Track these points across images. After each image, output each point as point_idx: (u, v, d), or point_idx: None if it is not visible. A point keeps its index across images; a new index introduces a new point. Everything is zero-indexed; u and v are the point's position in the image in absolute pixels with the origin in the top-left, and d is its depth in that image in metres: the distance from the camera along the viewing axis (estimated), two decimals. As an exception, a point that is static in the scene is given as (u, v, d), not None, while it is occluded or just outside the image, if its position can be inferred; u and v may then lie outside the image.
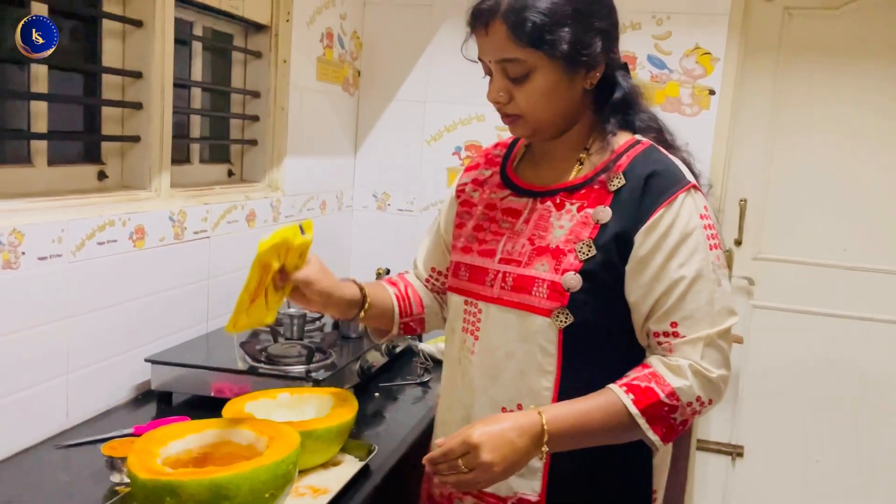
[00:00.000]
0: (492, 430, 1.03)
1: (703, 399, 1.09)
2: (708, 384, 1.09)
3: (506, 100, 1.15)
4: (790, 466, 2.84)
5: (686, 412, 1.09)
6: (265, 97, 2.29)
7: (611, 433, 1.09)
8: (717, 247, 1.11)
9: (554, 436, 1.05)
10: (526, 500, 1.17)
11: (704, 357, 1.08)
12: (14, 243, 1.34)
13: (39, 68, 1.55)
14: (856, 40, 2.62)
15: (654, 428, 1.07)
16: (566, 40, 1.09)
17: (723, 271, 1.12)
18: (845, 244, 2.71)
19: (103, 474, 1.30)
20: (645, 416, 1.07)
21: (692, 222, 1.10)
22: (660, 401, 1.07)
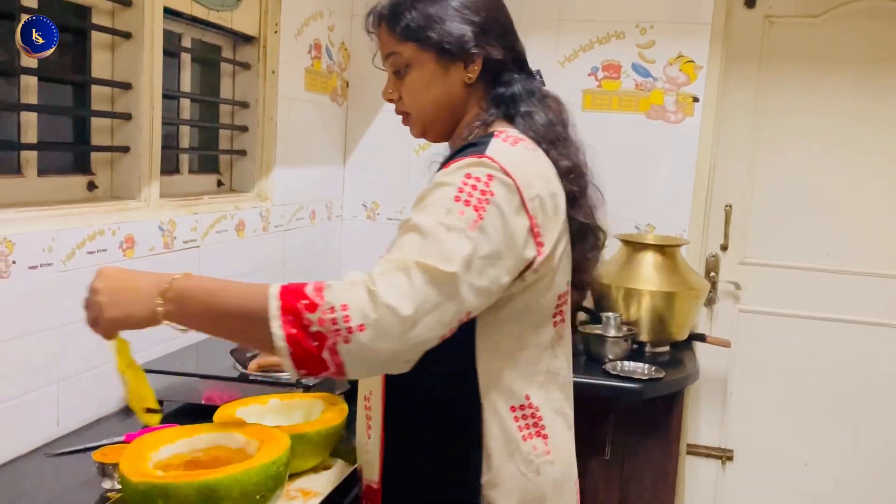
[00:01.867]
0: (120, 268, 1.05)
1: (351, 313, 0.90)
2: (367, 298, 0.91)
3: (396, 97, 1.21)
4: (779, 470, 2.86)
5: (325, 318, 0.90)
6: (254, 108, 2.31)
7: (238, 313, 0.96)
8: (467, 203, 0.98)
9: (179, 286, 0.98)
10: (370, 487, 1.18)
11: (383, 275, 0.93)
12: (4, 252, 1.35)
13: (30, 79, 1.56)
14: (835, 48, 2.67)
15: (283, 318, 0.91)
16: (435, 31, 1.13)
17: (459, 222, 0.97)
18: (829, 248, 2.75)
19: (94, 481, 1.30)
20: (281, 299, 0.92)
21: (450, 179, 1.02)
22: (301, 290, 0.93)
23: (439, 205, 0.99)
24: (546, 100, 1.20)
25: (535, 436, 1.12)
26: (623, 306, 2.44)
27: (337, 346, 0.91)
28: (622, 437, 2.30)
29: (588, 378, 2.16)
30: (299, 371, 0.94)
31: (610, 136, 2.68)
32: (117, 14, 1.74)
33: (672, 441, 2.38)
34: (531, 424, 1.12)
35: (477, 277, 0.97)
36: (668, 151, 2.67)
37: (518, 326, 1.10)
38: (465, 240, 0.96)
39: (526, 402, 1.11)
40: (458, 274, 0.95)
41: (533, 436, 1.11)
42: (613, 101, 2.70)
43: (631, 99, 2.68)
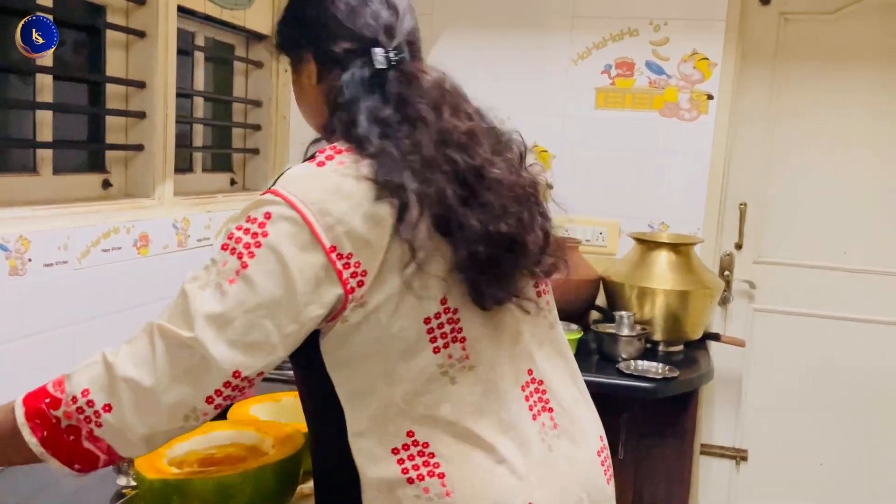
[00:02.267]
0: None
1: (94, 398, 0.86)
2: (103, 378, 0.86)
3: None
4: (794, 470, 2.84)
5: (69, 411, 0.86)
6: (267, 106, 2.31)
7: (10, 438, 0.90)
8: (233, 252, 0.89)
9: None
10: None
11: (132, 342, 0.89)
12: (20, 250, 1.36)
13: (45, 78, 1.57)
14: (852, 44, 2.64)
15: (31, 425, 0.88)
16: (280, 32, 1.08)
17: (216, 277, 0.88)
18: (846, 246, 2.72)
19: (110, 478, 1.31)
20: (25, 405, 0.88)
21: (229, 226, 0.94)
22: (44, 390, 0.88)
23: (208, 258, 0.91)
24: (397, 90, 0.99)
25: (426, 476, 0.95)
26: (637, 305, 2.42)
27: (93, 432, 0.87)
28: (636, 437, 2.29)
29: (601, 377, 2.15)
30: (74, 468, 0.89)
31: (623, 135, 2.67)
32: (131, 13, 1.75)
33: (686, 441, 2.37)
34: (421, 464, 0.95)
35: (242, 333, 0.87)
36: (682, 149, 2.65)
37: (381, 363, 0.94)
38: (216, 296, 0.87)
39: (409, 439, 0.95)
40: (197, 338, 0.86)
41: (425, 476, 0.95)
42: (627, 99, 2.68)
43: (645, 97, 2.67)
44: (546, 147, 2.74)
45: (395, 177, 0.92)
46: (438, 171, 0.94)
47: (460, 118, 0.99)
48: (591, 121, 2.70)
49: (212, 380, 0.87)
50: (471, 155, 0.97)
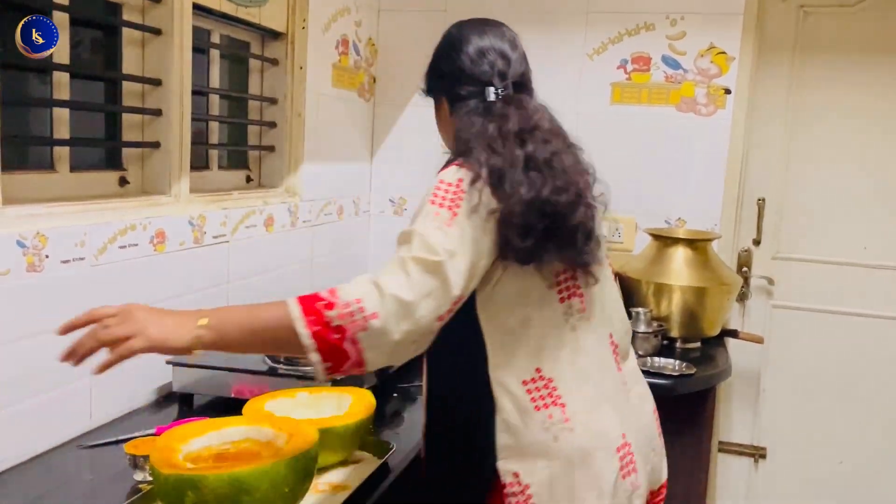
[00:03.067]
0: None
1: (365, 305, 1.04)
2: (375, 292, 1.05)
3: None
4: (814, 468, 2.81)
5: (343, 312, 1.03)
6: (282, 104, 2.32)
7: (271, 327, 1.07)
8: (441, 205, 1.13)
9: (217, 316, 1.08)
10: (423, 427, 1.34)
11: (385, 273, 1.08)
12: (38, 247, 1.37)
13: (61, 76, 1.58)
14: (872, 37, 2.60)
15: (306, 320, 1.04)
16: (426, 81, 1.39)
17: (435, 222, 1.11)
18: (865, 242, 2.68)
19: (126, 473, 1.32)
20: (301, 304, 1.05)
21: (431, 185, 1.17)
22: (318, 295, 1.06)
23: (420, 213, 1.14)
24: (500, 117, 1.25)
25: (550, 405, 1.19)
26: (653, 301, 2.41)
27: (357, 335, 1.03)
28: (652, 434, 2.28)
29: (618, 374, 2.14)
30: (325, 363, 1.05)
31: (639, 130, 2.65)
32: (147, 11, 1.76)
33: (704, 438, 2.35)
34: (545, 395, 1.20)
35: (460, 263, 1.10)
36: (699, 145, 2.63)
37: (521, 308, 1.20)
38: (443, 234, 1.10)
39: (536, 374, 1.20)
40: (443, 261, 1.07)
41: (549, 405, 1.19)
42: (643, 94, 2.66)
43: (661, 91, 2.65)
44: (561, 143, 2.72)
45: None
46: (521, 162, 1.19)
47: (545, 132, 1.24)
48: (606, 116, 2.68)
49: (445, 299, 1.08)
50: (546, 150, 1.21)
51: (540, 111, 1.28)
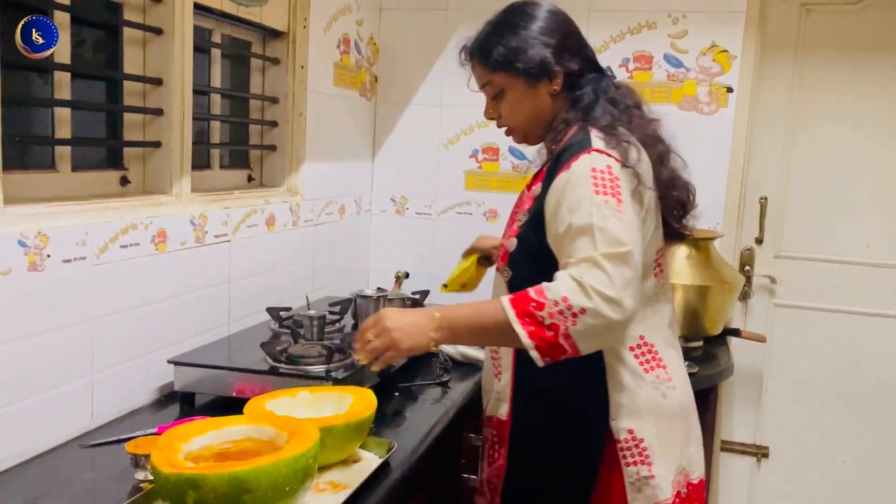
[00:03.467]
0: (395, 309, 1.33)
1: (572, 303, 1.14)
2: (578, 289, 1.15)
3: (496, 116, 1.47)
4: (816, 467, 2.80)
5: (553, 311, 1.15)
6: (283, 103, 2.32)
7: (492, 327, 1.22)
8: (605, 193, 1.23)
9: (448, 317, 1.25)
10: (500, 420, 1.49)
11: (583, 273, 1.17)
12: (39, 246, 1.37)
13: (62, 75, 1.58)
14: (875, 36, 2.60)
15: (521, 322, 1.17)
16: (520, 60, 1.38)
17: (609, 211, 1.21)
18: (868, 240, 2.68)
19: (128, 472, 1.32)
20: (514, 308, 1.18)
21: (579, 173, 1.27)
22: (527, 296, 1.18)
23: (585, 203, 1.22)
24: (615, 93, 1.42)
25: (656, 367, 1.39)
26: (655, 300, 2.40)
27: (568, 330, 1.15)
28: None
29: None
30: (544, 359, 1.19)
31: (641, 129, 2.64)
32: (148, 10, 1.76)
33: (706, 437, 2.33)
34: (650, 359, 1.39)
35: (640, 246, 1.24)
36: (702, 143, 2.62)
37: None
38: (620, 222, 1.20)
39: (641, 341, 1.38)
40: (632, 250, 1.19)
41: (655, 367, 1.39)
42: (645, 93, 2.63)
43: (663, 90, 2.64)
44: (563, 142, 2.72)
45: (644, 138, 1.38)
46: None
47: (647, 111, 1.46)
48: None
49: (639, 282, 1.21)
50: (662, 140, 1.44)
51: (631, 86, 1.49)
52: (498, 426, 1.50)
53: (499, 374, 1.49)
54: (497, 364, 1.50)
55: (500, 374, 1.48)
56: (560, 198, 1.28)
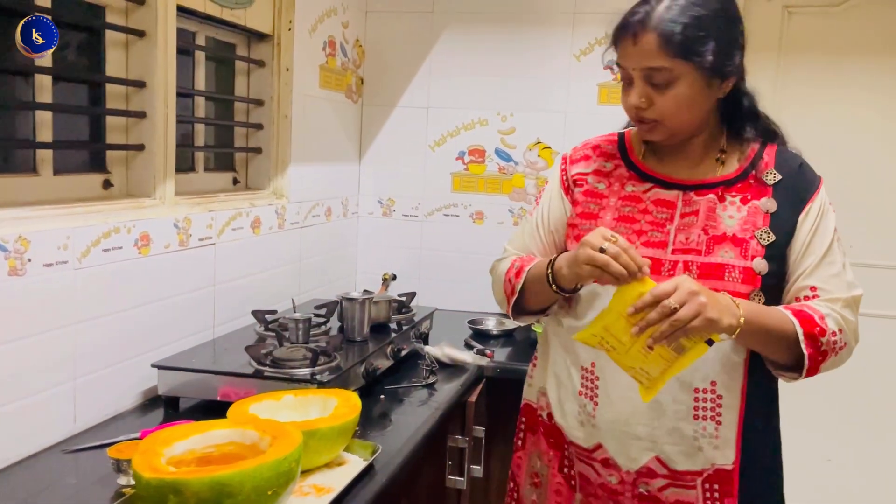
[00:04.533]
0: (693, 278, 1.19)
1: (844, 337, 1.24)
2: (847, 329, 1.25)
3: (647, 105, 1.26)
4: (802, 466, 2.82)
5: (830, 340, 1.22)
6: (268, 105, 2.31)
7: (778, 336, 1.22)
8: (837, 231, 1.32)
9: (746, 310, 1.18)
10: (722, 470, 1.29)
11: (845, 309, 1.26)
12: (20, 250, 1.36)
13: (44, 79, 1.57)
14: (857, 37, 2.62)
15: (807, 341, 1.20)
16: (713, 52, 1.21)
17: (845, 257, 1.31)
18: (852, 241, 2.68)
19: (111, 477, 1.31)
20: (802, 327, 1.21)
21: (827, 207, 1.33)
22: (812, 318, 1.22)
23: (835, 242, 1.30)
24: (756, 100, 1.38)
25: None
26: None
27: (829, 358, 1.24)
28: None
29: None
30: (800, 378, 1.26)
31: (627, 130, 2.65)
32: (131, 13, 1.75)
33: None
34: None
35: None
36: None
37: None
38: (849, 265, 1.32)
39: None
40: (862, 293, 1.31)
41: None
42: (630, 95, 2.67)
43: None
44: (549, 143, 2.73)
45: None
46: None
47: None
48: (593, 116, 2.69)
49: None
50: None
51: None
52: (721, 478, 1.29)
53: (716, 416, 1.28)
54: (712, 405, 1.28)
55: (720, 415, 1.28)
56: (813, 223, 1.30)
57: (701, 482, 1.29)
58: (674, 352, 1.14)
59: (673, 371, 1.16)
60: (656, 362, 1.15)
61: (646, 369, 1.17)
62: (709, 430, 1.28)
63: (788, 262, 1.29)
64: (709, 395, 1.27)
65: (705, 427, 1.28)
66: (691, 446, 1.28)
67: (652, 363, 1.16)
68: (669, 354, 1.15)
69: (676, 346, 1.14)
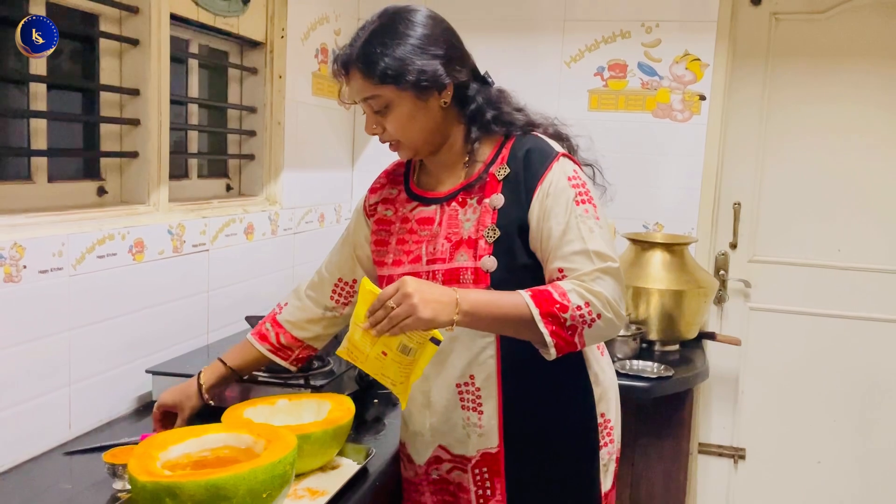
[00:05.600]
0: (417, 279, 1.20)
1: (592, 310, 1.22)
2: (596, 299, 1.22)
3: (380, 131, 1.36)
4: (792, 468, 2.85)
5: (575, 314, 1.21)
6: (262, 112, 2.33)
7: (512, 320, 1.22)
8: (585, 202, 1.29)
9: (468, 301, 1.19)
10: (488, 454, 1.37)
11: (593, 281, 1.24)
12: (15, 257, 1.37)
13: (39, 86, 1.59)
14: (843, 43, 2.66)
15: (545, 320, 1.20)
16: (410, 73, 1.27)
17: (593, 222, 1.28)
18: (839, 244, 2.73)
19: (106, 482, 1.32)
20: (538, 306, 1.21)
21: (560, 184, 1.30)
22: (550, 296, 1.21)
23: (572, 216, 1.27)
24: (500, 96, 1.41)
25: (602, 346, 1.46)
26: (632, 305, 2.43)
27: (584, 331, 1.23)
28: (632, 437, 2.30)
29: (597, 377, 2.16)
30: (558, 355, 1.23)
31: (616, 136, 2.69)
32: (125, 21, 1.76)
33: (682, 440, 2.37)
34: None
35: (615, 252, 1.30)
36: (676, 150, 2.66)
37: None
38: (601, 235, 1.28)
39: None
40: (618, 264, 1.27)
41: (600, 346, 1.46)
42: (620, 101, 2.70)
43: (637, 98, 2.68)
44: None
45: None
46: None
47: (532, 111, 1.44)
48: (584, 123, 2.68)
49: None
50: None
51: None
52: (489, 461, 1.38)
53: (477, 407, 1.37)
54: (472, 397, 1.37)
55: (481, 405, 1.36)
56: (544, 207, 1.29)
57: (471, 467, 1.39)
58: (402, 354, 1.20)
59: (415, 374, 1.22)
60: (392, 367, 1.21)
61: (387, 375, 1.22)
62: (472, 419, 1.37)
63: (537, 251, 1.31)
64: (470, 387, 1.36)
65: (469, 417, 1.37)
66: (462, 434, 1.39)
67: (389, 368, 1.21)
68: (400, 357, 1.20)
69: (402, 349, 1.19)
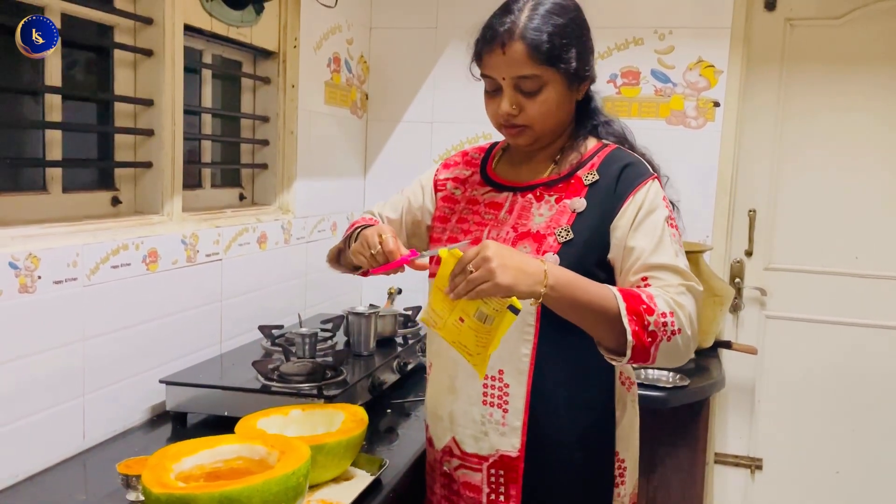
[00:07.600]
0: (501, 244, 1.15)
1: (676, 321, 1.17)
2: (680, 311, 1.18)
3: (517, 112, 1.30)
4: (810, 478, 2.81)
5: (659, 321, 1.16)
6: (274, 122, 2.33)
7: (596, 309, 1.17)
8: (674, 227, 1.29)
9: (554, 276, 1.14)
10: (507, 456, 1.33)
11: (680, 295, 1.21)
12: (30, 268, 1.38)
13: (53, 97, 1.59)
14: (859, 49, 2.63)
15: (630, 317, 1.15)
16: (575, 58, 1.28)
17: (679, 247, 1.27)
18: (857, 252, 2.70)
19: (120, 493, 1.32)
20: (626, 301, 1.16)
21: (656, 202, 1.29)
22: (638, 296, 1.18)
23: (666, 235, 1.26)
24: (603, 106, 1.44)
25: (634, 379, 1.42)
26: (646, 314, 2.41)
27: (661, 344, 1.16)
28: (648, 446, 2.26)
29: (612, 386, 2.14)
30: (628, 361, 1.17)
31: (630, 143, 2.67)
32: (139, 32, 1.77)
33: (699, 450, 2.35)
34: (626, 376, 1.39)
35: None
36: (690, 157, 2.64)
37: None
38: (684, 256, 1.27)
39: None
40: (701, 287, 1.25)
41: (633, 380, 1.41)
42: (633, 108, 2.69)
43: (651, 105, 2.67)
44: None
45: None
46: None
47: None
48: (597, 130, 2.70)
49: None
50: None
51: None
52: (506, 464, 1.33)
53: (503, 404, 1.32)
54: (499, 393, 1.32)
55: (507, 402, 1.32)
56: (637, 220, 1.26)
57: (487, 467, 1.35)
58: (479, 322, 1.16)
59: (493, 344, 1.17)
60: (468, 335, 1.17)
61: (463, 342, 1.18)
62: (495, 416, 1.33)
63: (616, 261, 1.28)
64: (497, 382, 1.32)
65: (492, 414, 1.33)
66: (479, 430, 1.34)
67: (466, 336, 1.17)
68: (477, 325, 1.16)
69: (479, 315, 1.15)
